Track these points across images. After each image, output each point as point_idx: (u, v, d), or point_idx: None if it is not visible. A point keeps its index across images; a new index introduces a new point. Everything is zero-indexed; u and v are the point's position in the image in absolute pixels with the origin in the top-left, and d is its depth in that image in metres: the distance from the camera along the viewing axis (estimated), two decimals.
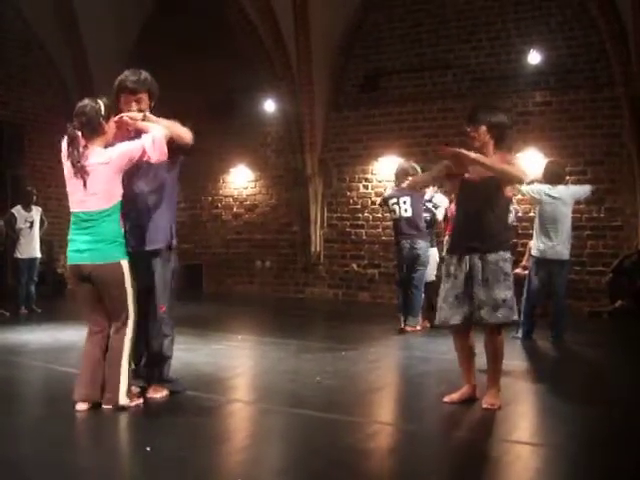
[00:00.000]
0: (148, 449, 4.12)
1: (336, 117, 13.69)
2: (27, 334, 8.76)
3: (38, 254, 11.29)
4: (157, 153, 4.88)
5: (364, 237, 13.47)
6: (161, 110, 5.29)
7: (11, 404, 5.27)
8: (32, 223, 11.16)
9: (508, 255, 5.14)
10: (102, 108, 4.89)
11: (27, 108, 14.43)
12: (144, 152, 4.85)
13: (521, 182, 5.44)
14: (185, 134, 5.14)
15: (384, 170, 12.98)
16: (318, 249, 13.87)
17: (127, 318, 4.93)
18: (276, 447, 4.53)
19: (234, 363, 7.37)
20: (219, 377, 6.33)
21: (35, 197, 11.44)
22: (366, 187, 13.42)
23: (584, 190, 8.77)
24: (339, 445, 4.33)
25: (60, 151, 5.00)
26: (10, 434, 4.51)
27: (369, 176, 13.43)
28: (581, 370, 6.84)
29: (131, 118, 5.01)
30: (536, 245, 8.37)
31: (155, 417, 5.03)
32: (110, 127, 4.94)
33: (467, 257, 5.07)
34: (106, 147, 4.91)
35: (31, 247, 11.16)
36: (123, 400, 4.90)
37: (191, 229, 14.98)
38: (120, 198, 4.91)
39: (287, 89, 13.33)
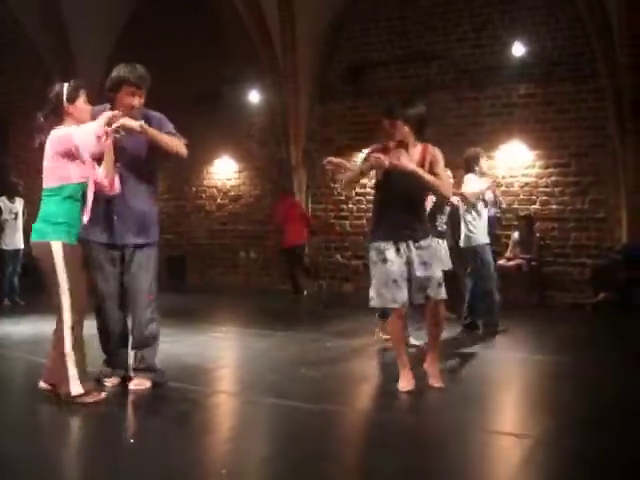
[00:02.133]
0: (132, 441, 4.11)
1: (321, 108, 13.66)
2: (10, 326, 8.72)
3: (22, 245, 11.21)
4: (107, 185, 5.00)
5: (348, 228, 13.47)
6: (147, 100, 5.31)
7: (5, 398, 5.25)
8: (16, 214, 11.11)
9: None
10: (64, 91, 4.88)
11: (11, 98, 14.33)
12: (86, 164, 4.86)
13: (447, 199, 6.11)
14: (181, 149, 5.39)
15: None
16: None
17: (60, 307, 4.79)
18: (261, 438, 4.52)
19: (218, 354, 7.37)
20: (203, 368, 6.32)
21: (20, 188, 11.36)
22: None
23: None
24: (324, 436, 4.35)
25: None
26: (8, 429, 4.48)
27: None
28: (563, 362, 6.86)
29: (128, 126, 5.02)
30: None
31: (139, 409, 5.02)
32: (77, 107, 4.89)
33: (404, 244, 5.35)
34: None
35: (15, 238, 11.10)
36: (75, 389, 4.77)
37: (175, 220, 14.92)
38: (70, 183, 4.84)
39: (272, 80, 13.30)
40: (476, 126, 12.09)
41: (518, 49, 11.60)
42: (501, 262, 11.46)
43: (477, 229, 8.26)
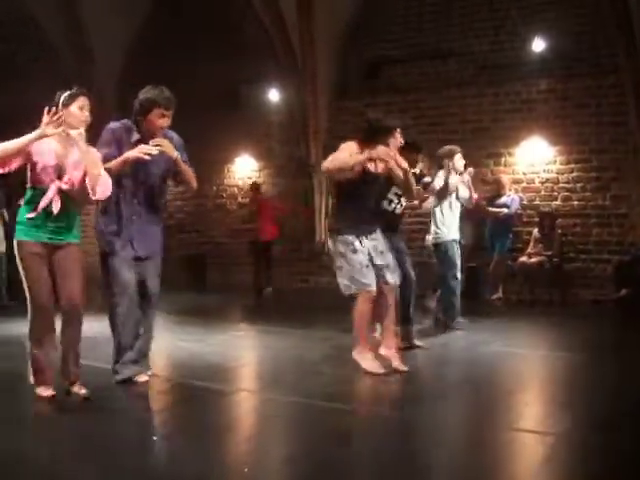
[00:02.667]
0: (154, 438, 4.13)
1: (340, 106, 13.63)
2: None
3: None
4: (100, 190, 4.95)
5: None
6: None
7: (14, 397, 5.28)
8: None
9: None
10: (62, 97, 4.96)
11: (27, 98, 14.36)
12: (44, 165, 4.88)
13: (413, 200, 7.16)
14: (194, 183, 5.62)
15: None
16: (322, 238, 13.83)
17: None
18: (282, 436, 4.53)
19: (240, 353, 7.40)
20: (225, 367, 6.35)
21: None
22: None
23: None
24: (345, 434, 4.34)
25: None
26: (14, 427, 4.50)
27: None
28: (585, 359, 6.82)
29: (167, 152, 5.22)
30: None
31: (161, 407, 5.05)
32: (70, 113, 4.89)
33: (363, 237, 5.95)
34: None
35: None
36: (31, 379, 5.00)
37: (195, 218, 14.94)
38: (31, 186, 4.90)
39: (291, 79, 13.30)
40: (496, 122, 12.06)
41: (538, 44, 11.54)
42: (523, 259, 11.43)
43: (445, 226, 8.17)
